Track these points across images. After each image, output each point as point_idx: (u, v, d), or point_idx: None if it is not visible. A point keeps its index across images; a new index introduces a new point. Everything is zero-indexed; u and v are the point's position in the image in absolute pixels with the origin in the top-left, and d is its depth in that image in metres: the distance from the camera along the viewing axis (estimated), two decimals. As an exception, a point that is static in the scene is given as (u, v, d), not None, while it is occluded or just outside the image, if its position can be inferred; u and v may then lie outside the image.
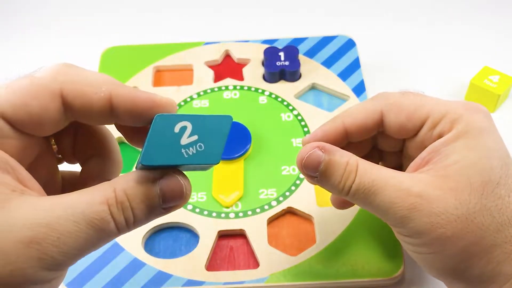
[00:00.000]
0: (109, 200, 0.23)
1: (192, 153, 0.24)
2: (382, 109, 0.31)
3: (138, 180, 0.24)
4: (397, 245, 0.39)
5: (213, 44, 0.54)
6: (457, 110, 0.29)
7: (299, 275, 0.38)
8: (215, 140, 0.25)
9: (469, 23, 0.58)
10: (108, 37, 0.57)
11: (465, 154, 0.28)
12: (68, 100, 0.24)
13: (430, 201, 0.27)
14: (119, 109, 0.25)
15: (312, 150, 0.29)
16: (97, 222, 0.23)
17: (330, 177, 0.29)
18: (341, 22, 0.59)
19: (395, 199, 0.28)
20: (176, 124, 0.24)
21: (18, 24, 0.61)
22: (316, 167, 0.29)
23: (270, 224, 0.41)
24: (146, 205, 0.24)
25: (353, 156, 0.29)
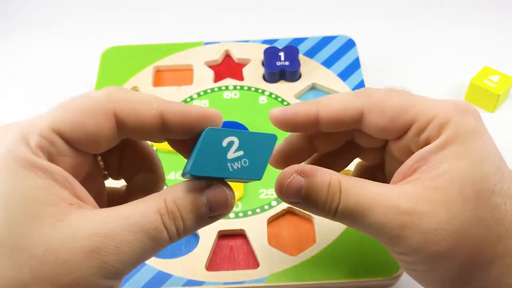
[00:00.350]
0: (161, 210, 0.24)
1: (237, 167, 0.25)
2: (363, 107, 0.29)
3: (186, 190, 0.25)
4: (397, 245, 0.39)
5: (213, 44, 0.54)
6: (445, 113, 0.27)
7: (299, 275, 0.38)
8: (259, 157, 0.26)
9: (469, 23, 0.58)
10: (108, 37, 0.57)
11: (455, 163, 0.26)
12: (122, 119, 0.25)
13: (422, 217, 0.26)
14: (171, 124, 0.26)
15: (291, 177, 0.27)
16: (152, 232, 0.24)
17: (314, 201, 0.27)
18: (341, 22, 0.59)
19: (385, 218, 0.26)
20: (224, 138, 0.25)
21: (18, 24, 0.61)
22: (297, 194, 0.27)
23: (270, 224, 0.41)
24: (194, 214, 0.25)
25: (334, 175, 0.27)
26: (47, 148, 0.24)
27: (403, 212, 0.26)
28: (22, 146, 0.23)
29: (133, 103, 0.26)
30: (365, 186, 0.27)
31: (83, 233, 0.23)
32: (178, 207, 0.25)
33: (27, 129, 0.24)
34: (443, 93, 0.51)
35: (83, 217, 0.23)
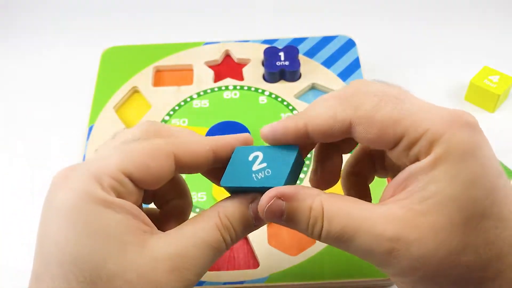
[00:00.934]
0: (218, 225, 0.28)
1: (260, 177, 0.28)
2: (351, 119, 0.27)
3: (235, 206, 0.29)
4: (397, 245, 0.39)
5: (213, 44, 0.54)
6: (438, 127, 0.25)
7: (299, 275, 0.38)
8: (280, 167, 0.28)
9: (469, 23, 0.58)
10: (108, 37, 0.57)
11: (444, 186, 0.25)
12: (180, 159, 0.29)
13: (408, 244, 0.25)
14: (220, 158, 0.30)
15: (271, 201, 0.27)
16: (215, 245, 0.28)
17: (296, 225, 0.27)
18: (341, 22, 0.59)
19: (370, 245, 0.25)
20: (250, 154, 0.29)
21: (18, 24, 0.61)
22: (279, 217, 0.27)
23: (270, 224, 0.41)
24: (244, 225, 0.29)
25: (318, 197, 0.27)
26: (117, 188, 0.27)
27: (389, 238, 0.25)
28: (97, 187, 0.26)
29: (189, 143, 0.29)
30: (350, 210, 0.26)
31: (162, 255, 0.26)
32: (230, 221, 0.29)
33: (99, 171, 0.27)
34: (443, 93, 0.51)
35: (159, 242, 0.27)
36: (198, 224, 0.28)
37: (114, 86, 0.50)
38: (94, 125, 0.47)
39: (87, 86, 0.52)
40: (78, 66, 0.56)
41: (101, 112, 0.48)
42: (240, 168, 0.29)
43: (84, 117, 0.49)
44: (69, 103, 0.52)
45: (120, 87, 0.50)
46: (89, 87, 0.51)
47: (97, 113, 0.48)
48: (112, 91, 0.50)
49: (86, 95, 0.51)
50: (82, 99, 0.51)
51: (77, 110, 0.50)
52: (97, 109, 0.48)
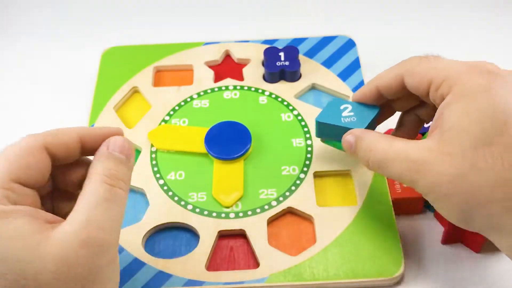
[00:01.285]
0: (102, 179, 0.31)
1: (347, 121, 0.39)
2: (402, 74, 0.36)
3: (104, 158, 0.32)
4: (397, 245, 0.39)
5: (213, 44, 0.54)
6: (457, 73, 0.33)
7: (299, 275, 0.38)
8: (363, 117, 0.39)
9: (469, 23, 0.58)
10: (108, 37, 0.57)
11: (458, 119, 0.31)
12: (51, 149, 0.31)
13: (430, 166, 0.32)
14: (91, 146, 0.33)
15: (346, 137, 0.38)
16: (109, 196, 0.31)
17: (357, 154, 0.37)
18: (341, 22, 0.59)
19: (401, 169, 0.33)
20: (342, 104, 0.40)
21: (18, 25, 0.61)
22: (350, 148, 0.38)
23: (270, 224, 0.41)
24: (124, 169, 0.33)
25: (372, 138, 0.36)
26: (11, 196, 0.29)
27: (417, 162, 0.32)
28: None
29: (56, 133, 0.32)
30: (392, 145, 0.34)
31: (69, 234, 0.28)
32: (111, 171, 0.31)
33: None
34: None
35: (64, 227, 0.28)
36: (85, 192, 0.30)
37: (114, 86, 0.50)
38: (94, 125, 0.47)
39: (87, 86, 0.52)
40: (78, 66, 0.56)
41: (101, 112, 0.48)
42: (333, 112, 0.40)
43: (84, 117, 0.49)
44: (69, 103, 0.52)
45: (120, 87, 0.50)
46: (89, 87, 0.51)
47: (97, 113, 0.48)
48: (112, 91, 0.50)
49: (86, 95, 0.51)
50: (82, 99, 0.51)
51: (77, 110, 0.50)
52: (97, 109, 0.48)
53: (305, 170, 0.44)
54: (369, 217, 0.41)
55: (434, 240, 0.41)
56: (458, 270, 0.39)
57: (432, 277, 0.39)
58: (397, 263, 0.38)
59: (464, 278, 0.39)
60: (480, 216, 0.31)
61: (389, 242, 0.39)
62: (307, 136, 0.46)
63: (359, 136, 0.37)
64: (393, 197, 0.41)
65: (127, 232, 0.40)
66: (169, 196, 0.42)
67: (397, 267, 0.38)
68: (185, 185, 0.43)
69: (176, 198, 0.42)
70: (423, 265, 0.40)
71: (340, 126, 0.39)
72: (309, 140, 0.45)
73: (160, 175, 0.44)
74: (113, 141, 0.32)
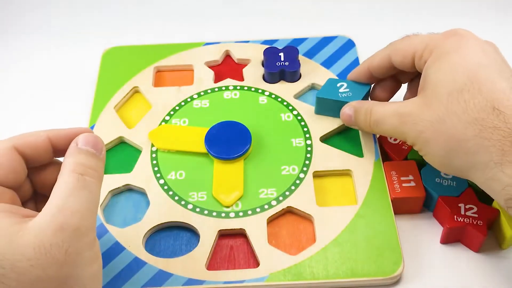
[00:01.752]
0: (72, 170, 0.32)
1: (343, 96, 0.45)
2: (389, 53, 0.42)
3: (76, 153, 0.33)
4: (397, 244, 0.39)
5: (213, 45, 0.54)
6: (435, 40, 0.38)
7: (299, 274, 0.38)
8: (358, 93, 0.45)
9: (468, 22, 0.58)
10: (109, 38, 0.57)
11: (435, 75, 0.37)
12: (22, 150, 0.33)
13: (415, 116, 0.37)
14: (61, 146, 0.34)
15: (344, 110, 0.44)
16: (80, 184, 0.31)
17: (358, 122, 0.43)
18: (341, 23, 0.59)
19: (394, 123, 0.39)
20: (338, 83, 0.46)
21: (19, 25, 0.61)
22: (349, 120, 0.43)
23: (270, 224, 0.41)
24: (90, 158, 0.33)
25: (369, 104, 0.42)
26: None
27: (404, 115, 0.38)
28: None
29: (26, 135, 0.34)
30: (387, 106, 0.40)
31: (44, 223, 0.29)
32: (81, 161, 0.32)
33: None
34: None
35: (40, 217, 0.29)
36: (57, 184, 0.31)
37: (115, 86, 0.51)
38: (95, 125, 0.48)
39: (88, 86, 0.52)
40: (79, 66, 0.56)
41: (101, 112, 0.48)
42: (331, 89, 0.45)
43: (85, 117, 0.49)
44: (70, 103, 0.52)
45: (120, 87, 0.50)
46: (90, 87, 0.51)
47: (97, 113, 0.48)
48: (113, 91, 0.50)
49: (86, 95, 0.51)
50: (82, 99, 0.51)
51: (78, 110, 0.51)
52: (97, 109, 0.49)
53: (304, 169, 0.44)
54: (369, 216, 0.41)
55: (433, 240, 0.41)
56: (457, 270, 0.39)
57: (431, 277, 0.39)
58: (397, 262, 0.38)
59: (463, 278, 0.39)
60: (459, 156, 0.35)
61: (389, 241, 0.39)
62: (306, 136, 0.46)
63: (356, 106, 0.43)
64: (393, 197, 0.42)
65: (127, 231, 0.41)
66: (170, 195, 0.43)
67: (396, 266, 0.38)
68: (185, 184, 0.43)
69: (177, 198, 0.42)
70: (422, 265, 0.40)
71: (338, 101, 0.44)
72: (308, 140, 0.46)
73: (160, 174, 0.44)
74: (82, 137, 0.33)
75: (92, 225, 0.31)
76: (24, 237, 0.28)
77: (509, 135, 0.33)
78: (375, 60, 0.43)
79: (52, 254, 0.28)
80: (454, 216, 0.40)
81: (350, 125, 0.44)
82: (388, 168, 0.43)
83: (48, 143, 0.34)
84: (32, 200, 0.36)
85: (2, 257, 0.27)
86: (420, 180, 0.42)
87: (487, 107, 0.34)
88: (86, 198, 0.31)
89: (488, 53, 0.36)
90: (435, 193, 0.41)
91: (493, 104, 0.34)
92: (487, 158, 0.34)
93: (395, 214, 0.41)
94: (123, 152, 0.46)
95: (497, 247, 0.41)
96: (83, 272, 0.30)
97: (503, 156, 0.33)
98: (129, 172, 0.44)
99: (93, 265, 0.31)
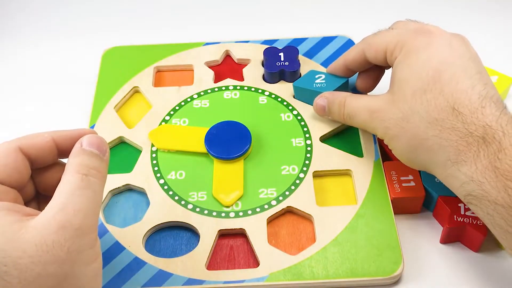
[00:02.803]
0: (77, 170, 0.32)
1: (318, 86, 0.47)
2: (363, 48, 0.42)
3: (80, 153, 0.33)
4: (396, 244, 0.39)
5: (213, 45, 0.54)
6: (406, 36, 0.38)
7: (299, 274, 0.38)
8: (332, 84, 0.46)
9: (468, 23, 0.58)
10: (109, 38, 0.57)
11: (403, 72, 0.38)
12: (26, 151, 0.33)
13: (383, 112, 0.38)
14: (65, 147, 0.34)
15: (317, 100, 0.45)
16: (82, 184, 0.31)
17: (332, 112, 0.44)
18: (341, 22, 0.59)
19: (365, 117, 0.40)
20: (316, 75, 0.48)
21: (19, 25, 0.61)
22: (322, 111, 0.45)
23: (270, 224, 0.41)
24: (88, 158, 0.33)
25: (343, 96, 0.43)
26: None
27: (374, 110, 0.39)
28: None
29: (30, 136, 0.34)
30: (359, 100, 0.41)
31: (47, 222, 0.29)
32: (85, 162, 0.33)
33: None
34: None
35: (40, 216, 0.29)
36: (60, 184, 0.31)
37: (115, 86, 0.51)
38: (95, 125, 0.48)
39: (88, 86, 0.52)
40: (79, 66, 0.56)
41: (102, 112, 0.48)
42: (308, 80, 0.47)
43: (85, 117, 0.49)
44: (70, 103, 0.52)
45: (121, 87, 0.50)
46: (90, 88, 0.51)
47: (98, 113, 0.48)
48: (113, 91, 0.50)
49: (87, 95, 0.51)
50: (83, 99, 0.51)
51: (78, 110, 0.51)
52: (98, 109, 0.49)
53: (304, 169, 0.44)
54: (368, 216, 0.41)
55: (433, 240, 0.41)
56: (457, 269, 0.40)
57: (431, 276, 0.39)
58: (396, 262, 0.38)
59: (462, 277, 0.39)
60: (422, 153, 0.36)
61: (388, 241, 0.39)
62: (306, 136, 0.46)
63: (330, 98, 0.44)
64: (392, 197, 0.42)
65: (127, 231, 0.41)
66: (170, 195, 0.43)
67: (396, 266, 0.38)
68: (185, 184, 0.43)
69: (177, 198, 0.42)
70: (422, 264, 0.40)
71: (312, 90, 0.46)
72: (308, 140, 0.46)
73: (160, 174, 0.44)
74: (86, 139, 0.33)
75: (94, 225, 0.31)
76: (26, 234, 0.28)
77: (465, 135, 0.34)
78: (350, 55, 0.44)
79: (54, 252, 0.28)
80: (454, 216, 0.40)
81: (323, 116, 0.45)
82: (388, 168, 0.43)
83: (52, 144, 0.34)
84: (34, 201, 0.36)
85: (4, 254, 0.28)
86: (420, 180, 0.42)
87: (447, 107, 0.35)
88: (89, 198, 0.31)
89: (455, 49, 0.37)
90: (435, 193, 0.41)
91: (453, 105, 0.35)
92: (445, 157, 0.35)
93: (395, 214, 0.41)
94: (123, 152, 0.46)
95: (496, 247, 0.41)
96: (83, 270, 0.30)
97: (458, 155, 0.34)
98: (129, 172, 0.44)
99: (93, 264, 0.31)
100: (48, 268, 0.28)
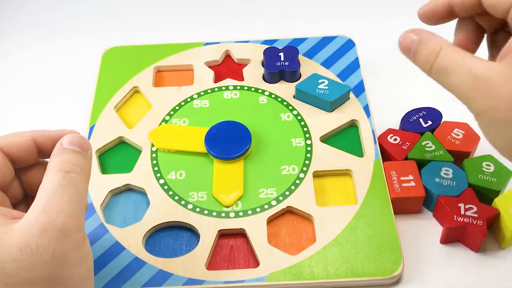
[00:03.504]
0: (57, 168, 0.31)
1: (321, 92, 0.47)
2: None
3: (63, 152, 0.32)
4: (396, 244, 0.39)
5: (213, 45, 0.54)
6: None
7: (299, 274, 0.38)
8: (335, 92, 0.47)
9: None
10: (109, 38, 0.57)
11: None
12: (6, 151, 0.33)
13: (490, 85, 0.29)
14: (45, 147, 0.34)
15: (408, 34, 0.34)
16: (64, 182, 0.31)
17: (418, 55, 0.34)
18: (341, 22, 0.59)
19: (464, 81, 0.30)
20: (319, 79, 0.48)
21: (19, 25, 0.61)
22: (408, 49, 0.34)
23: (270, 224, 0.41)
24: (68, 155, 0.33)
25: (439, 42, 0.33)
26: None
27: (479, 78, 0.30)
28: None
29: (10, 135, 0.34)
30: (460, 55, 0.31)
31: (30, 224, 0.28)
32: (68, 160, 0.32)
33: None
34: (443, 93, 0.51)
35: (25, 218, 0.29)
36: (42, 184, 0.30)
37: (115, 86, 0.51)
38: (95, 125, 0.48)
39: (88, 86, 0.52)
40: (79, 66, 0.56)
41: (102, 112, 0.48)
42: (311, 84, 0.48)
43: (85, 118, 0.49)
44: (70, 103, 0.52)
45: (120, 87, 0.50)
46: (89, 88, 0.51)
47: (98, 114, 0.48)
48: (113, 91, 0.50)
49: (86, 95, 0.51)
50: (82, 100, 0.51)
51: (78, 111, 0.51)
52: (98, 110, 0.49)
53: (304, 169, 0.44)
54: (369, 216, 0.41)
55: (433, 240, 0.41)
56: (457, 269, 0.40)
57: (431, 276, 0.39)
58: (396, 262, 0.38)
59: (462, 277, 0.39)
60: None
61: (388, 241, 0.39)
62: (306, 136, 0.46)
63: (422, 37, 0.34)
64: (392, 197, 0.42)
65: (127, 231, 0.41)
66: (170, 195, 0.43)
67: (396, 266, 0.38)
68: (185, 184, 0.43)
69: (177, 198, 0.42)
70: (422, 264, 0.40)
71: (314, 95, 0.47)
72: (308, 140, 0.46)
73: (160, 174, 0.44)
74: (67, 138, 0.33)
75: (79, 224, 0.30)
76: (11, 238, 0.28)
77: None
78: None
79: (39, 255, 0.28)
80: (454, 216, 0.40)
81: (406, 53, 0.35)
82: (388, 168, 0.43)
83: (32, 143, 0.34)
84: (23, 203, 0.36)
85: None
86: (420, 180, 0.42)
87: None
88: (72, 197, 0.30)
89: None
90: (435, 193, 0.41)
91: None
92: None
93: (395, 214, 0.41)
94: (123, 152, 0.46)
95: (497, 247, 0.41)
96: (71, 272, 0.29)
97: None
98: (129, 172, 0.44)
99: (82, 266, 0.30)
100: (34, 272, 0.28)
